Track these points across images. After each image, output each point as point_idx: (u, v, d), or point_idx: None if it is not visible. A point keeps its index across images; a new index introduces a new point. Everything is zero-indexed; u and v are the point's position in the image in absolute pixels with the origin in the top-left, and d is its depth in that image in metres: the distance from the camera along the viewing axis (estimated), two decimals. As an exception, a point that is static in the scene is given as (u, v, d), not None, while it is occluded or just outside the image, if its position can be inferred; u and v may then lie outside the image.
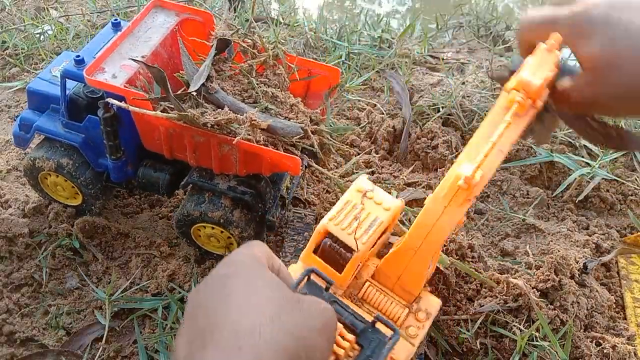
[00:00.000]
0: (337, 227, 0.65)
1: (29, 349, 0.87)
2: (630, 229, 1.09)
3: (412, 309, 0.69)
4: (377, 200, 0.68)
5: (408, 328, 0.67)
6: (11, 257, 0.97)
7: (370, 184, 0.70)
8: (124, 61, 0.84)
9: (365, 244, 0.64)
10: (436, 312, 0.70)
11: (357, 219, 0.66)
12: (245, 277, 0.50)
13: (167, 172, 0.93)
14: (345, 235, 0.65)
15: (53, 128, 0.92)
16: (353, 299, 0.68)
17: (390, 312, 0.67)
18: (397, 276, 0.68)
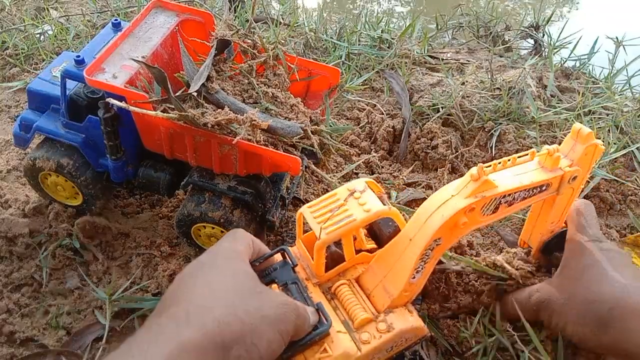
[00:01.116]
0: (311, 215, 0.68)
1: (29, 349, 0.87)
2: (630, 229, 1.09)
3: (377, 319, 0.68)
4: (362, 202, 0.69)
5: (362, 333, 0.66)
6: (11, 257, 0.97)
7: (363, 186, 0.70)
8: (124, 61, 0.84)
9: (328, 235, 0.66)
10: (403, 329, 0.68)
11: (332, 211, 0.68)
12: (219, 267, 0.58)
13: (168, 172, 0.93)
14: (314, 223, 0.67)
15: (53, 128, 0.92)
16: (324, 290, 0.70)
17: (353, 313, 0.68)
18: (382, 275, 0.69)
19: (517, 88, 1.30)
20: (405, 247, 0.67)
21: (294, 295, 0.66)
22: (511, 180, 0.67)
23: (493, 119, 1.26)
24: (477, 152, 1.21)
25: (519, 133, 1.22)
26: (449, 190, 0.66)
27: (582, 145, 0.69)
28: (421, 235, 0.65)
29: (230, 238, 0.64)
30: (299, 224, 0.72)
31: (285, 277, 0.69)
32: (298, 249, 0.74)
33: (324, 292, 0.70)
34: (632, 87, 1.40)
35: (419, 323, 0.69)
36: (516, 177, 0.67)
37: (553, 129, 1.24)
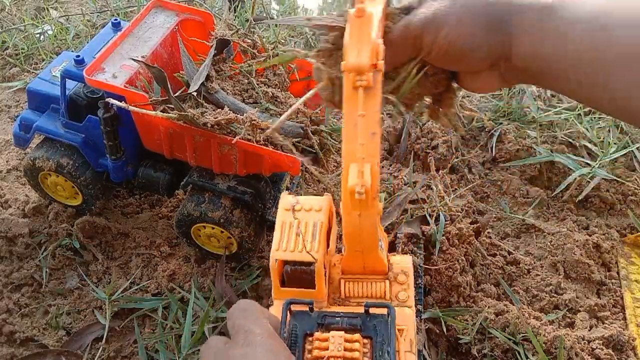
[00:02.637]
0: (287, 252, 0.65)
1: (29, 349, 0.87)
2: (630, 229, 1.09)
3: (390, 277, 0.70)
4: (307, 208, 0.68)
5: (397, 295, 0.68)
6: (11, 257, 0.97)
7: (293, 199, 0.69)
8: (124, 61, 0.84)
9: (319, 251, 0.64)
10: (412, 267, 0.70)
11: (299, 234, 0.66)
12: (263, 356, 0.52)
13: (167, 172, 0.93)
14: (297, 255, 0.65)
15: (53, 128, 0.92)
16: (338, 302, 0.69)
17: (374, 292, 0.68)
18: (361, 266, 0.69)
19: (518, 88, 1.30)
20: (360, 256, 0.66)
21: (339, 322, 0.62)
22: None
23: (493, 118, 1.26)
24: (478, 152, 1.21)
25: (520, 133, 1.22)
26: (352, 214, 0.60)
27: None
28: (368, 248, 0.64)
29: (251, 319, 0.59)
30: (276, 273, 0.67)
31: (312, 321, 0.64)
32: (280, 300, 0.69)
33: (339, 304, 0.69)
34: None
35: (408, 257, 0.72)
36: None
37: (553, 128, 1.24)
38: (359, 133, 0.55)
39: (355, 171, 0.55)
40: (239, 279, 0.94)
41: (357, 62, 0.53)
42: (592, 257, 1.01)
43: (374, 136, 0.56)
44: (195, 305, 0.89)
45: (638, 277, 0.99)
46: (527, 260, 1.01)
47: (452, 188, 1.11)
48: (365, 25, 0.55)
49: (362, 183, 0.54)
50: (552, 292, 0.96)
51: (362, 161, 0.55)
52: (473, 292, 0.93)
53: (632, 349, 0.88)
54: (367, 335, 0.59)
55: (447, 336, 0.87)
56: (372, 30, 0.54)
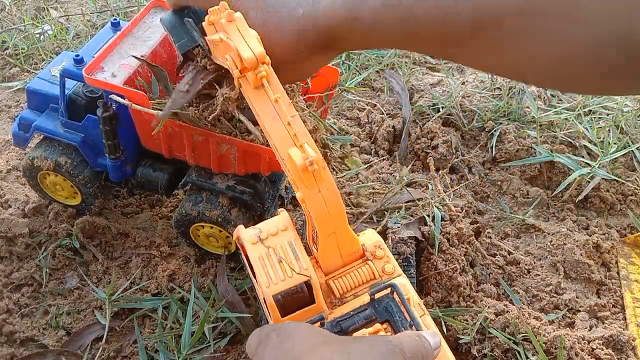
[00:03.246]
0: (279, 284, 0.63)
1: (29, 349, 0.87)
2: (630, 229, 1.09)
3: (369, 257, 0.70)
4: (272, 232, 0.66)
5: (384, 269, 0.68)
6: (11, 257, 0.97)
7: (252, 230, 0.67)
8: (123, 60, 0.84)
9: (308, 266, 0.63)
10: (381, 239, 0.71)
11: (281, 260, 0.64)
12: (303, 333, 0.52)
13: (166, 171, 0.93)
14: (291, 281, 0.63)
15: (52, 127, 0.92)
16: (337, 304, 0.68)
17: (363, 278, 0.68)
18: (339, 256, 0.69)
19: (518, 88, 1.30)
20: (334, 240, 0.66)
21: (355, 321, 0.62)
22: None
23: (493, 118, 1.26)
24: (478, 152, 1.21)
25: (520, 133, 1.22)
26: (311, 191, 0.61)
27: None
28: (339, 225, 0.64)
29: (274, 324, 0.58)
30: (274, 308, 0.64)
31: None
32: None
33: (338, 306, 0.68)
34: (632, 86, 1.39)
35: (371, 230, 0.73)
36: None
37: (553, 128, 1.24)
38: (281, 118, 0.58)
39: (296, 151, 0.57)
40: (238, 279, 0.94)
41: (255, 54, 0.56)
42: (592, 257, 1.01)
43: (295, 118, 0.58)
44: (195, 305, 0.89)
45: (638, 277, 0.99)
46: (527, 260, 1.01)
47: (452, 188, 1.11)
48: (240, 24, 0.58)
49: (308, 157, 0.56)
50: (552, 292, 0.96)
51: (296, 139, 0.57)
52: (473, 292, 0.93)
53: (632, 349, 0.87)
54: (383, 320, 0.60)
55: (447, 336, 0.87)
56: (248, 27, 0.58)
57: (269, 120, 0.59)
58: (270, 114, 0.58)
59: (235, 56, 0.57)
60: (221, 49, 0.60)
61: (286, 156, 0.58)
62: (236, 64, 0.57)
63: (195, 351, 0.84)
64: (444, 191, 1.07)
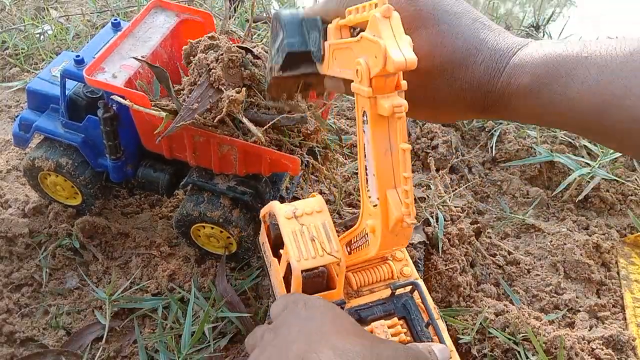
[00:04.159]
0: (309, 260, 0.64)
1: (29, 349, 0.87)
2: (630, 229, 1.09)
3: (389, 257, 0.71)
4: (307, 211, 0.67)
5: (402, 270, 0.70)
6: (11, 257, 0.97)
7: (288, 206, 0.68)
8: (123, 61, 0.84)
9: (339, 250, 0.64)
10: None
11: (314, 239, 0.65)
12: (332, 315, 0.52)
13: (167, 172, 0.93)
14: (321, 259, 0.64)
15: (53, 128, 0.92)
16: (353, 296, 0.70)
17: (382, 276, 0.69)
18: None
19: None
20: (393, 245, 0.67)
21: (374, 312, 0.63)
22: None
23: (493, 118, 1.26)
24: (478, 152, 1.21)
25: (520, 133, 1.22)
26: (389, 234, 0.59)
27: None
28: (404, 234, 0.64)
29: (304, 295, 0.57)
30: (299, 282, 0.65)
31: None
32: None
33: (355, 297, 0.70)
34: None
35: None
36: None
37: (553, 128, 1.24)
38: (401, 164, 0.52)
39: (398, 200, 0.53)
40: (238, 279, 0.94)
41: (405, 58, 0.46)
42: (592, 257, 1.01)
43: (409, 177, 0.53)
44: (195, 305, 0.89)
45: (638, 277, 0.99)
46: (527, 260, 1.01)
47: (452, 188, 1.11)
48: (396, 25, 0.48)
49: (411, 215, 0.52)
50: (552, 292, 0.96)
51: (405, 194, 0.52)
52: (473, 292, 0.93)
53: (632, 349, 0.88)
54: (400, 317, 0.61)
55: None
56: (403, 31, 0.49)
57: (380, 154, 0.53)
58: (383, 149, 0.53)
59: (379, 56, 0.47)
60: (355, 52, 0.51)
61: (382, 195, 0.54)
62: (371, 68, 0.49)
63: (195, 351, 0.84)
64: (444, 191, 1.08)
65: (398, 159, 0.52)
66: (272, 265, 0.73)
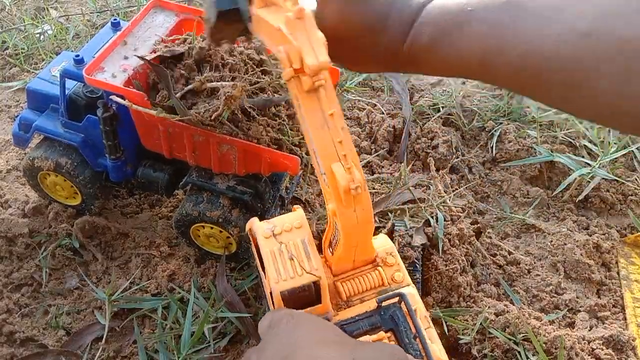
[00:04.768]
0: (288, 281, 0.63)
1: (29, 349, 0.87)
2: (630, 229, 1.09)
3: (379, 263, 0.70)
4: (286, 228, 0.66)
5: (393, 277, 0.68)
6: (11, 257, 0.97)
7: (267, 224, 0.67)
8: (123, 61, 0.84)
9: (318, 267, 0.63)
10: (393, 246, 0.71)
11: (292, 258, 0.64)
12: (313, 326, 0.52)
13: (167, 172, 0.93)
14: (300, 279, 0.63)
15: (52, 128, 0.92)
16: (343, 307, 0.68)
17: (372, 283, 0.68)
18: (351, 261, 0.69)
19: (518, 88, 1.30)
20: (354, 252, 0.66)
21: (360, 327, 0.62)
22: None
23: (493, 118, 1.26)
24: (478, 152, 1.21)
25: (520, 133, 1.22)
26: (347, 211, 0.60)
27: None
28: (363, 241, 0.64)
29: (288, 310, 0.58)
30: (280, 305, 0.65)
31: None
32: None
33: (344, 308, 0.68)
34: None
35: (384, 236, 0.73)
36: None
37: (553, 128, 1.24)
38: (332, 132, 0.56)
39: (342, 170, 0.55)
40: (238, 279, 0.94)
41: (319, 62, 0.53)
42: (592, 257, 1.01)
43: (345, 130, 0.57)
44: (195, 305, 0.89)
45: (638, 277, 0.99)
46: (527, 260, 1.01)
47: (452, 188, 1.11)
48: (309, 24, 0.54)
49: (354, 179, 0.55)
50: (552, 292, 0.96)
51: (344, 158, 0.55)
52: (473, 292, 0.93)
53: (632, 349, 0.87)
54: (388, 329, 0.60)
55: (447, 336, 0.87)
56: (317, 29, 0.54)
57: (316, 128, 0.56)
58: (319, 122, 0.56)
59: (295, 56, 0.53)
60: (275, 37, 0.56)
61: (328, 170, 0.57)
62: (292, 62, 0.54)
63: (195, 351, 0.84)
64: (444, 191, 1.07)
65: (338, 137, 0.56)
66: (261, 279, 0.73)
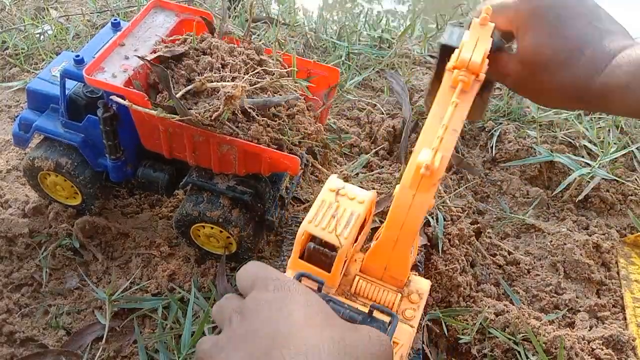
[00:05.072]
0: (318, 228, 0.66)
1: (29, 349, 0.87)
2: (630, 229, 1.09)
3: (404, 292, 0.70)
4: (351, 196, 0.69)
5: (404, 311, 0.68)
6: (11, 257, 0.97)
7: (341, 182, 0.70)
8: (123, 61, 0.84)
9: (347, 239, 0.65)
10: (427, 293, 0.71)
11: (334, 217, 0.67)
12: (302, 301, 0.50)
13: (167, 172, 0.93)
14: (326, 234, 0.65)
15: (52, 128, 0.92)
16: (346, 295, 0.69)
17: (384, 300, 0.68)
18: (383, 267, 0.69)
19: (517, 88, 1.30)
20: (392, 247, 0.66)
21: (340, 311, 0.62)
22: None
23: (493, 118, 1.26)
24: (478, 152, 1.21)
25: (520, 133, 1.22)
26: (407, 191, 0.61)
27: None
28: (405, 236, 0.64)
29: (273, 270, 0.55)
30: (300, 243, 0.67)
31: None
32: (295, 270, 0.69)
33: (347, 297, 0.69)
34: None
35: (427, 281, 0.72)
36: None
37: (553, 128, 1.24)
38: (442, 127, 0.58)
39: (428, 151, 0.57)
40: (238, 279, 0.94)
41: (471, 58, 0.59)
42: (592, 257, 1.01)
43: (454, 132, 0.59)
44: (195, 305, 0.89)
45: (638, 277, 0.99)
46: (527, 260, 1.01)
47: (452, 188, 1.11)
48: (485, 33, 0.61)
49: (431, 161, 0.57)
50: (552, 292, 0.96)
51: (435, 149, 0.58)
52: (473, 292, 0.93)
53: (632, 349, 0.88)
54: None
55: (447, 336, 0.87)
56: (489, 40, 0.60)
57: (433, 120, 0.61)
58: (438, 117, 0.60)
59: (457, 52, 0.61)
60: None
61: (416, 151, 0.60)
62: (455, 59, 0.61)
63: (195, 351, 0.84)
64: (444, 191, 1.07)
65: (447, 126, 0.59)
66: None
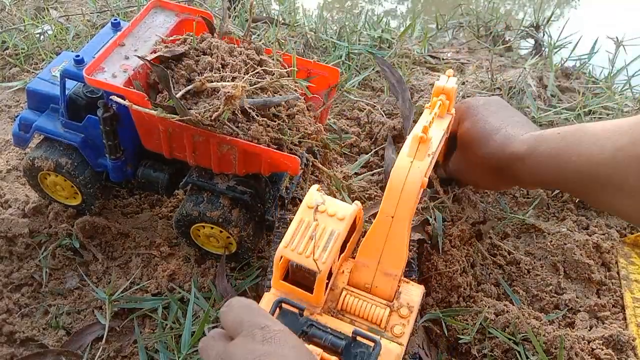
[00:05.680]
0: (294, 253, 0.63)
1: (29, 349, 0.87)
2: (630, 229, 1.08)
3: (394, 307, 0.68)
4: (330, 212, 0.66)
5: (393, 328, 0.66)
6: (11, 257, 0.97)
7: (319, 197, 0.67)
8: (123, 61, 0.84)
9: (326, 263, 0.62)
10: (419, 301, 0.69)
11: (312, 238, 0.63)
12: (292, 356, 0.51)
13: (167, 172, 0.93)
14: (304, 259, 0.62)
15: (52, 128, 0.92)
16: (332, 313, 0.67)
17: (372, 316, 0.66)
18: (377, 258, 0.67)
19: (518, 88, 1.30)
20: (389, 226, 0.65)
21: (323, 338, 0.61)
22: (435, 133, 0.73)
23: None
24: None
25: (519, 133, 1.21)
26: (405, 158, 0.66)
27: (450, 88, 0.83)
28: (403, 209, 0.63)
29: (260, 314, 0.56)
30: (278, 267, 0.65)
31: (299, 325, 0.62)
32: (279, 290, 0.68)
33: (333, 315, 0.67)
34: (632, 87, 1.40)
35: (422, 288, 0.71)
36: (434, 130, 0.74)
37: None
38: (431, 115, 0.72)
39: (426, 124, 0.67)
40: (238, 279, 0.94)
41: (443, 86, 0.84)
42: (592, 257, 1.01)
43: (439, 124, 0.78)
44: (195, 305, 0.89)
45: (638, 277, 0.99)
46: (527, 260, 1.01)
47: (451, 188, 1.11)
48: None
49: (426, 131, 0.65)
50: (552, 292, 0.96)
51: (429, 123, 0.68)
52: (473, 292, 0.93)
53: (632, 349, 0.88)
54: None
55: (447, 336, 0.87)
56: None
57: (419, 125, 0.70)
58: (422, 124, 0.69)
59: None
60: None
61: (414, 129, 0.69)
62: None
63: (195, 351, 0.84)
64: (444, 191, 1.07)
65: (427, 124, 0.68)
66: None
